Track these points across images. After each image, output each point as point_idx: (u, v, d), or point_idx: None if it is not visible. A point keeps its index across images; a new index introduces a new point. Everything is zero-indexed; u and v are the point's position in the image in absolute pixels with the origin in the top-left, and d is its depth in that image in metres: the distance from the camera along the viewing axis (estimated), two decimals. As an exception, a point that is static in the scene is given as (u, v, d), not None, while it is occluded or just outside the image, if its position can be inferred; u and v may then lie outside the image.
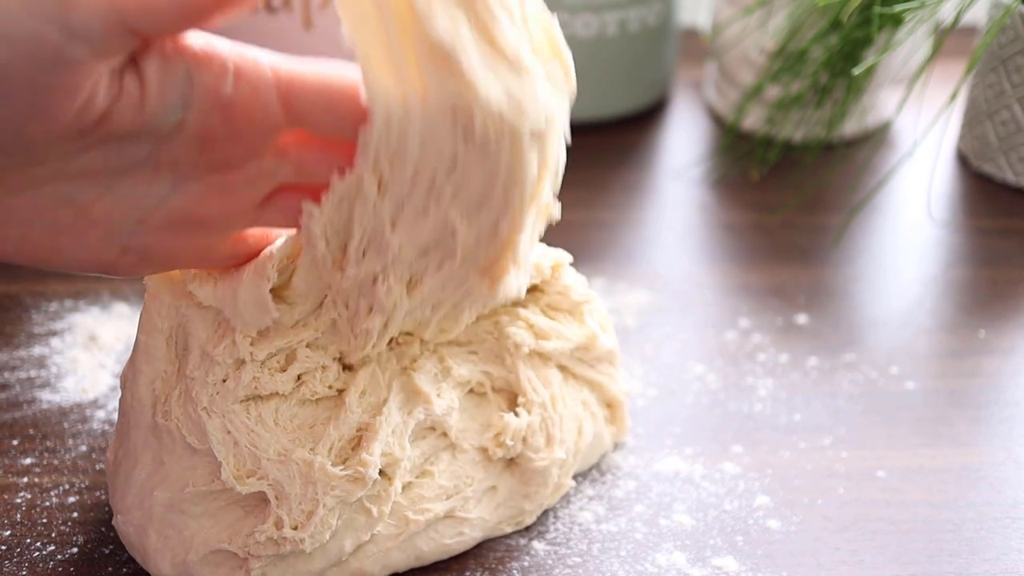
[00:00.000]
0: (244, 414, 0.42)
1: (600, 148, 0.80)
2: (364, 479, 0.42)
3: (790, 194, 0.74)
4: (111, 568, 0.46)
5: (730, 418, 0.55)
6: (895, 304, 0.64)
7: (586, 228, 0.70)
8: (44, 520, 0.48)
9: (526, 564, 0.47)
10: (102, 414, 0.54)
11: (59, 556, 0.46)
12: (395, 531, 0.45)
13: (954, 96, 0.65)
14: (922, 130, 0.77)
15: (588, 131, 0.81)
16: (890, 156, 0.79)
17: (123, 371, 0.45)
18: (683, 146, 0.81)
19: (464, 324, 0.45)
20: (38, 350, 0.58)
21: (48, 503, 0.49)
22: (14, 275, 0.64)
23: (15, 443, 0.52)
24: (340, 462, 0.43)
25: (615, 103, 0.81)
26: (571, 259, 0.51)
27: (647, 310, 0.63)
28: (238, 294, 0.41)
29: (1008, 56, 0.70)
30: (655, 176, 0.77)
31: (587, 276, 0.63)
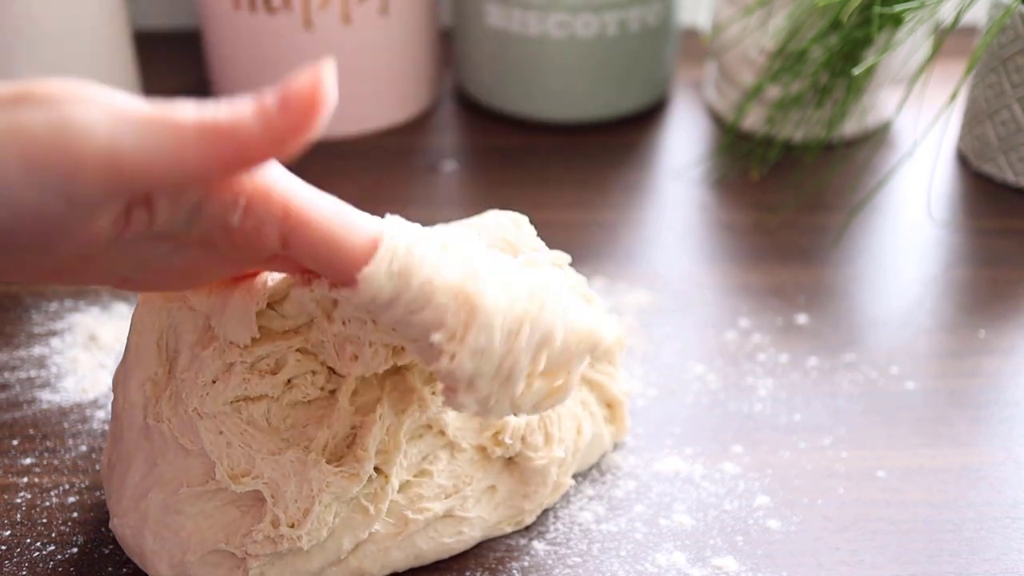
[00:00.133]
0: (235, 415, 0.42)
1: (600, 148, 0.80)
2: (359, 475, 0.42)
3: (790, 194, 0.73)
4: (111, 568, 0.46)
5: (730, 418, 0.55)
6: (895, 304, 0.64)
7: (586, 228, 0.70)
8: (44, 520, 0.48)
9: (526, 564, 0.47)
10: (102, 414, 0.54)
11: (59, 556, 0.46)
12: (394, 530, 0.45)
13: (954, 96, 0.65)
14: (922, 130, 0.76)
15: (588, 131, 0.81)
16: (890, 156, 0.79)
17: (115, 373, 0.45)
18: (683, 146, 0.80)
19: None
20: (38, 350, 0.58)
21: (48, 503, 0.49)
22: (14, 275, 0.64)
23: (15, 443, 0.53)
24: (335, 459, 0.43)
25: (615, 103, 0.81)
26: (569, 259, 0.51)
27: (647, 310, 0.63)
28: (226, 309, 0.42)
29: (1008, 56, 0.70)
30: (655, 176, 0.77)
31: (587, 276, 0.63)
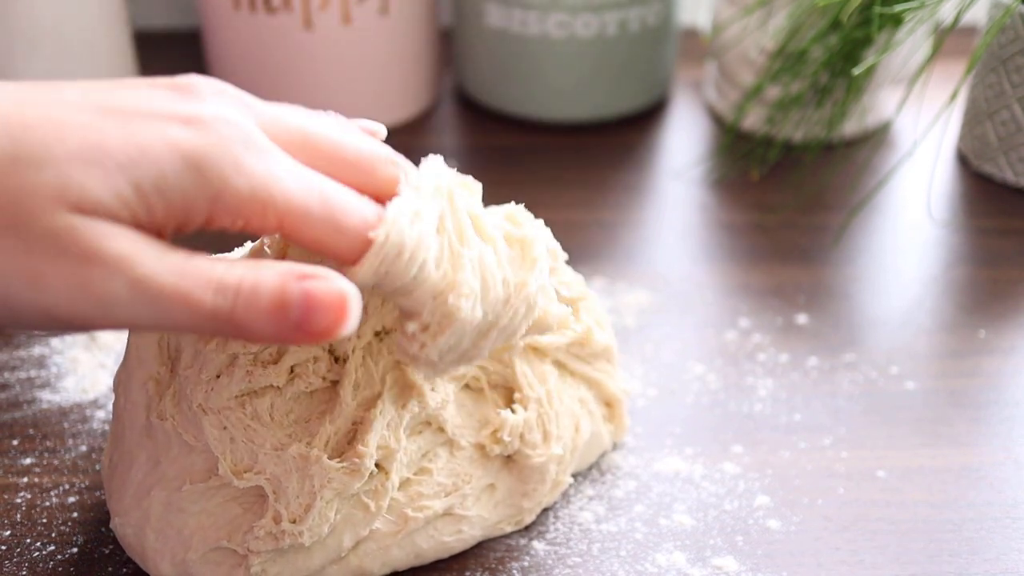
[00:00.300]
0: (239, 410, 0.43)
1: (600, 148, 0.80)
2: (360, 471, 0.42)
3: (790, 194, 0.74)
4: (111, 568, 0.46)
5: (730, 418, 0.55)
6: (895, 304, 0.64)
7: (586, 228, 0.70)
8: (44, 520, 0.48)
9: (526, 564, 0.47)
10: (102, 414, 0.54)
11: (59, 556, 0.46)
12: (394, 528, 0.45)
13: (954, 96, 0.65)
14: (922, 130, 0.77)
15: (588, 131, 0.81)
16: (890, 156, 0.79)
17: (116, 374, 0.45)
18: (683, 146, 0.80)
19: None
20: (38, 350, 0.58)
21: (48, 503, 0.49)
22: (14, 275, 0.64)
23: (15, 443, 0.53)
24: (336, 455, 0.43)
25: (615, 103, 0.81)
26: (566, 256, 0.51)
27: (647, 310, 0.63)
28: None
29: (1008, 56, 0.70)
30: (655, 176, 0.77)
31: (587, 276, 0.63)
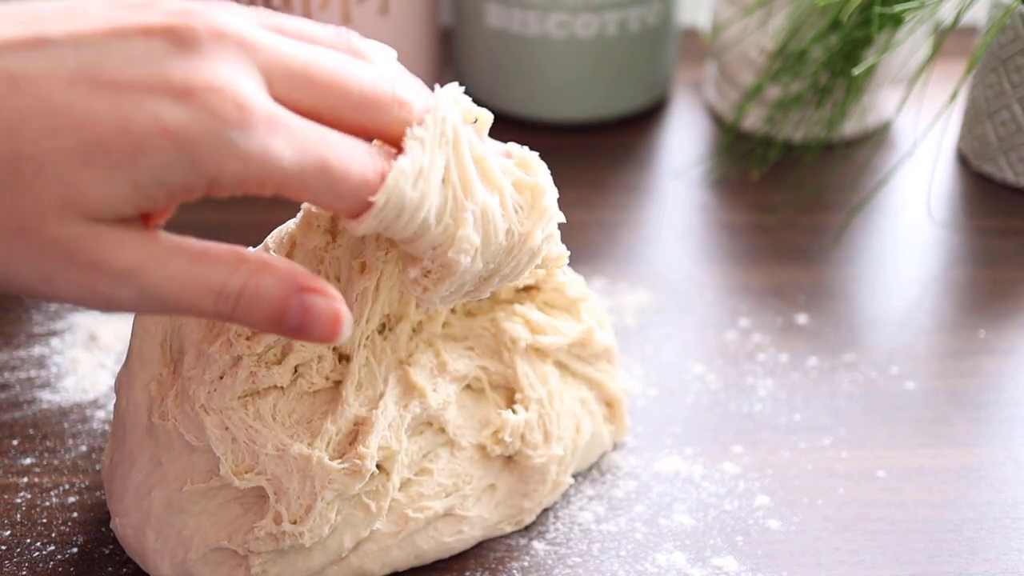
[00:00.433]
0: (242, 410, 0.42)
1: (600, 148, 0.80)
2: (361, 472, 0.42)
3: (790, 194, 0.73)
4: (111, 568, 0.46)
5: (730, 418, 0.55)
6: (895, 304, 0.64)
7: (586, 228, 0.70)
8: (44, 520, 0.48)
9: (526, 564, 0.47)
10: (102, 414, 0.54)
11: (59, 556, 0.46)
12: (395, 529, 0.45)
13: (954, 96, 0.65)
14: (922, 130, 0.76)
15: (588, 131, 0.81)
16: (890, 156, 0.79)
17: (117, 376, 0.45)
18: (683, 146, 0.80)
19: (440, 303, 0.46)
20: (38, 350, 0.58)
21: (48, 503, 0.49)
22: (14, 275, 0.64)
23: (15, 443, 0.53)
24: (337, 456, 0.43)
25: (615, 103, 0.81)
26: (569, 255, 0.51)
27: (647, 310, 0.63)
28: None
29: (1008, 56, 0.70)
30: (655, 176, 0.77)
31: (587, 276, 0.63)
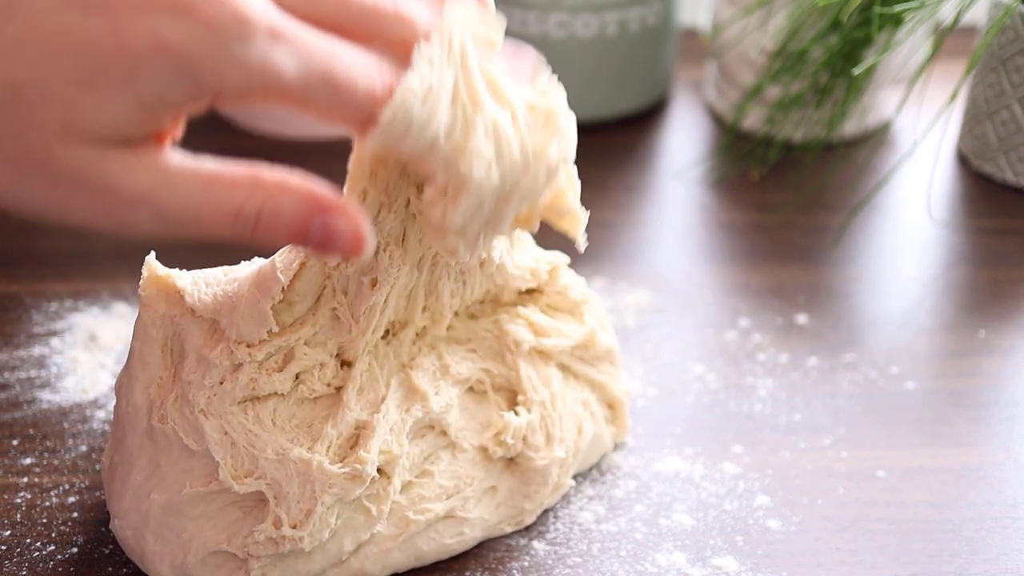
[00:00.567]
0: (241, 415, 0.42)
1: (600, 148, 0.80)
2: (362, 476, 0.42)
3: (790, 194, 0.73)
4: (111, 568, 0.46)
5: (730, 418, 0.55)
6: (895, 304, 0.64)
7: (586, 228, 0.70)
8: (44, 520, 0.48)
9: (526, 564, 0.47)
10: (102, 414, 0.54)
11: (59, 556, 0.46)
12: (395, 531, 0.45)
13: (954, 96, 0.65)
14: (922, 130, 0.76)
15: (588, 131, 0.81)
16: (890, 156, 0.79)
17: (118, 378, 0.45)
18: (683, 146, 0.80)
19: (448, 308, 0.46)
20: (38, 350, 0.58)
21: (48, 503, 0.49)
22: (14, 275, 0.64)
23: (15, 443, 0.52)
24: (338, 460, 0.43)
25: (615, 103, 0.81)
26: (568, 260, 0.51)
27: (647, 310, 0.63)
28: (237, 308, 0.42)
29: (1008, 56, 0.70)
30: (655, 176, 0.77)
31: (587, 276, 0.63)
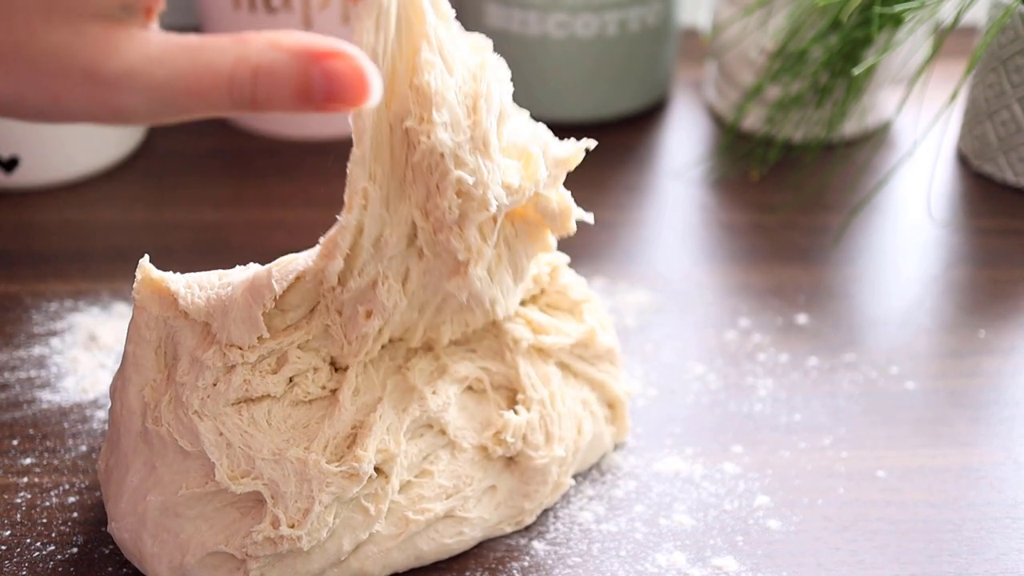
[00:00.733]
0: (236, 416, 0.42)
1: (600, 148, 0.79)
2: (359, 475, 0.42)
3: (790, 194, 0.74)
4: (111, 568, 0.46)
5: (730, 418, 0.55)
6: (895, 304, 0.64)
7: (586, 228, 0.70)
8: (44, 520, 0.48)
9: (526, 564, 0.47)
10: (102, 414, 0.54)
11: (59, 556, 0.46)
12: (395, 531, 0.45)
13: (954, 96, 0.65)
14: (922, 130, 0.76)
15: (588, 131, 0.81)
16: (890, 156, 0.79)
17: (112, 382, 0.45)
18: (683, 146, 0.80)
19: (446, 338, 0.46)
20: (38, 350, 0.58)
21: (48, 503, 0.49)
22: (14, 275, 0.64)
23: (15, 443, 0.53)
24: (335, 459, 0.43)
25: (615, 103, 0.81)
26: (568, 260, 0.51)
27: (647, 310, 0.63)
28: (229, 313, 0.42)
29: (1008, 56, 0.70)
30: (655, 176, 0.77)
31: (587, 276, 0.63)
